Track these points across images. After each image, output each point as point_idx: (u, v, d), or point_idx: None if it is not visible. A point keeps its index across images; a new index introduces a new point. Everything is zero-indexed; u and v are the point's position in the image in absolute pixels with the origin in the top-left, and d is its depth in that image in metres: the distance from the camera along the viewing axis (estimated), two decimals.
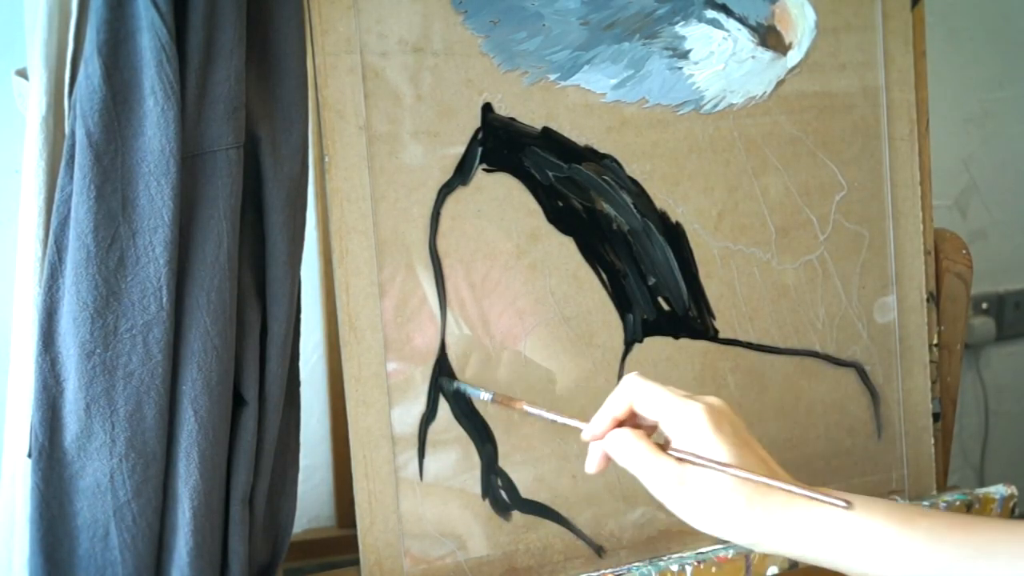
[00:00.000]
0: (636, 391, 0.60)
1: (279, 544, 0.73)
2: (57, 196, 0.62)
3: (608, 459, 0.61)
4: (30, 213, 0.66)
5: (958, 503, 0.89)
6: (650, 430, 0.61)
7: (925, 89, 0.91)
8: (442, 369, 0.76)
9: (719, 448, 0.57)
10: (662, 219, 0.82)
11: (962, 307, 0.93)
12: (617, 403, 0.60)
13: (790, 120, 0.86)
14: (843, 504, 0.55)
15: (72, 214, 0.61)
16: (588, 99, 0.79)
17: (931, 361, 0.92)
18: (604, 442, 0.60)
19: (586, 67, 0.78)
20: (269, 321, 0.68)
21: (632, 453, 0.58)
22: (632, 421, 0.61)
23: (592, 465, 0.62)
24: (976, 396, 1.46)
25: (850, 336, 0.89)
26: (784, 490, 0.56)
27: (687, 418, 0.58)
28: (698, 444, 0.57)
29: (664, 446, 0.59)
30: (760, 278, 0.85)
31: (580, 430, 0.62)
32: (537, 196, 0.78)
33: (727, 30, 0.82)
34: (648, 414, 0.60)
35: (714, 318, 0.84)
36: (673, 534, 0.83)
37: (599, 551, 0.81)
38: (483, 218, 0.76)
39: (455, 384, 0.74)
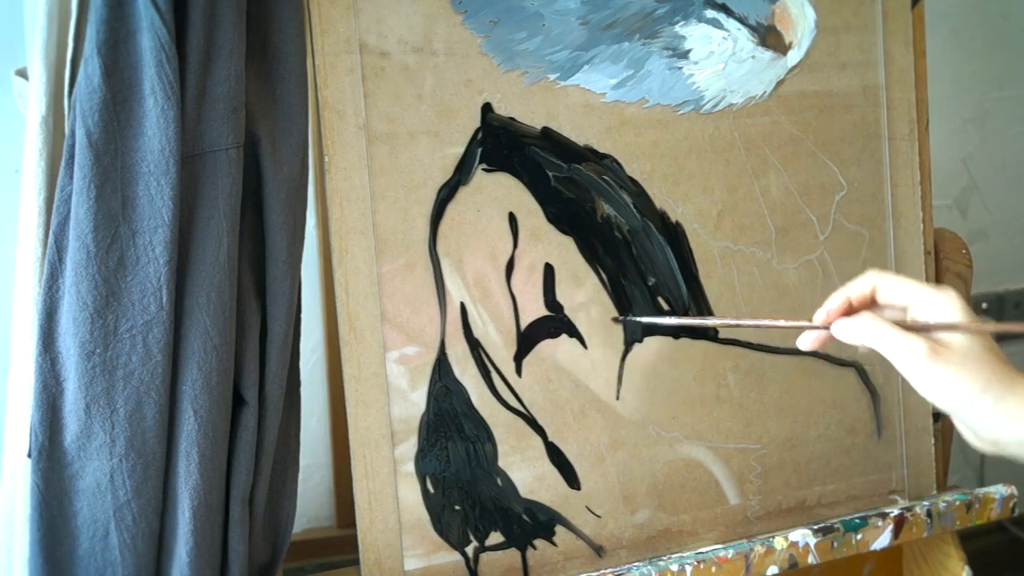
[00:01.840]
0: (882, 279, 0.63)
1: (279, 544, 0.72)
2: (57, 196, 0.62)
3: (824, 340, 0.64)
4: (30, 213, 0.66)
5: (958, 503, 0.89)
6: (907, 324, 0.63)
7: (925, 89, 0.91)
8: (442, 369, 0.76)
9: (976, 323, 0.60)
10: (662, 219, 0.82)
11: None
12: (859, 286, 0.63)
13: (790, 120, 0.86)
14: None
15: (72, 214, 0.61)
16: (588, 99, 0.79)
17: None
18: (839, 327, 0.62)
19: (586, 67, 0.78)
20: (269, 321, 0.68)
21: (879, 333, 0.60)
22: (867, 309, 0.63)
23: (806, 342, 0.65)
24: None
25: None
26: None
27: (939, 301, 0.60)
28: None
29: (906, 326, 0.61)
30: (760, 278, 0.85)
31: (786, 320, 0.66)
32: (537, 196, 0.78)
33: (727, 30, 0.82)
34: (896, 299, 0.62)
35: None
36: (673, 534, 0.83)
37: (599, 551, 0.81)
38: (483, 218, 0.76)
39: (637, 319, 0.74)
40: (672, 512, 0.83)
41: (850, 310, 0.63)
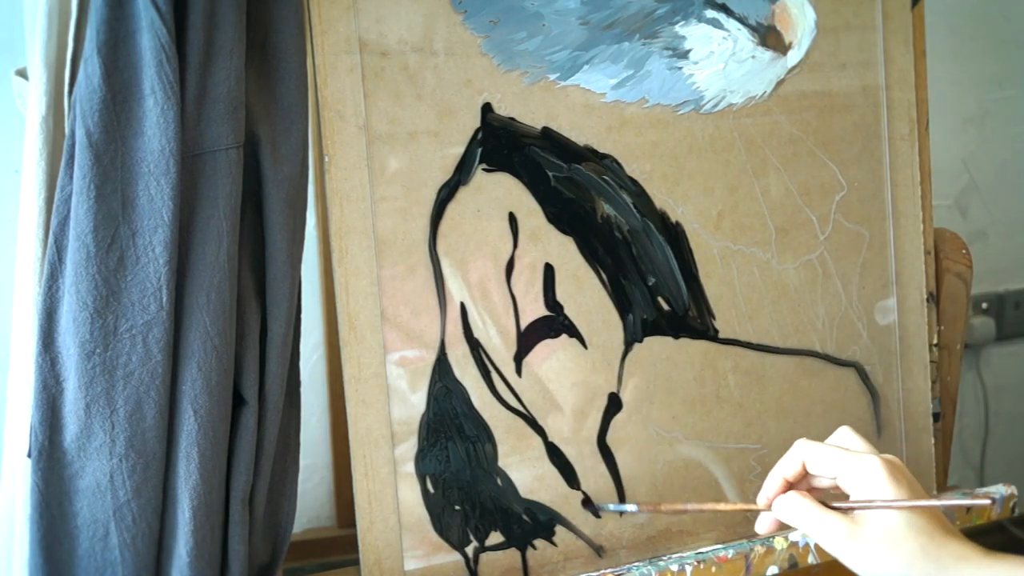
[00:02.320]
0: (808, 451, 0.62)
1: (279, 544, 0.72)
2: (57, 196, 0.62)
3: (778, 524, 0.63)
4: (30, 213, 0.66)
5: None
6: (819, 493, 0.62)
7: (925, 89, 0.91)
8: (442, 369, 0.76)
9: (898, 496, 0.58)
10: (662, 219, 0.82)
11: (962, 307, 0.93)
12: (789, 463, 0.62)
13: (790, 120, 0.86)
14: (987, 503, 0.55)
15: (72, 214, 0.61)
16: (588, 99, 0.79)
17: (931, 361, 0.92)
18: (776, 507, 0.62)
19: (586, 67, 0.78)
20: (269, 321, 0.68)
21: (800, 512, 0.60)
22: (804, 483, 0.63)
23: (763, 527, 0.64)
24: (976, 396, 1.46)
25: (850, 336, 0.89)
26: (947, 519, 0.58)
27: (864, 471, 0.59)
28: (876, 496, 0.58)
29: (829, 505, 0.60)
30: (760, 278, 0.85)
31: (731, 504, 0.65)
32: (537, 196, 0.78)
33: (727, 30, 0.82)
34: (823, 471, 0.61)
35: (714, 318, 0.84)
36: (673, 534, 0.83)
37: (599, 551, 0.81)
38: (483, 218, 0.76)
39: (600, 507, 0.78)
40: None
41: (788, 487, 0.62)
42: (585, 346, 0.80)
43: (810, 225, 0.87)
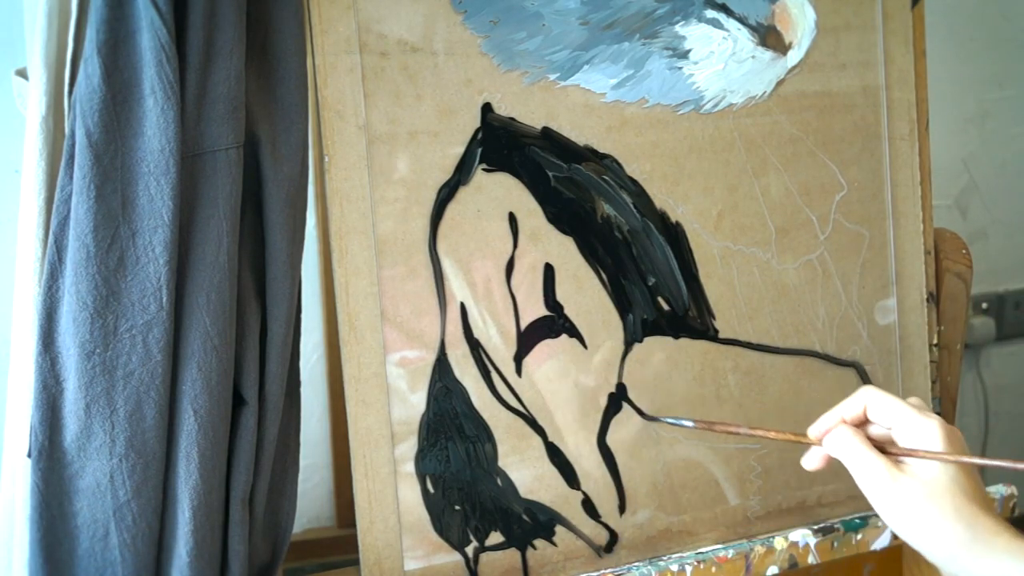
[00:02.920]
0: (872, 397, 0.62)
1: (279, 544, 0.72)
2: (57, 196, 0.62)
3: (827, 460, 0.64)
4: (30, 213, 0.66)
5: None
6: (881, 443, 0.62)
7: (925, 89, 0.91)
8: (442, 369, 0.76)
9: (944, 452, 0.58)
10: (662, 219, 0.82)
11: (962, 307, 0.93)
12: (850, 405, 0.63)
13: (790, 120, 0.86)
14: None
15: (72, 214, 0.61)
16: (588, 99, 0.79)
17: (931, 361, 0.92)
18: (827, 439, 0.63)
19: (586, 67, 0.78)
20: (269, 321, 0.68)
21: (849, 447, 0.61)
22: (861, 427, 0.63)
23: (811, 463, 0.65)
24: (976, 396, 1.46)
25: (850, 336, 0.89)
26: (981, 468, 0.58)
27: (921, 430, 0.59)
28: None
29: (879, 447, 0.60)
30: (760, 278, 0.85)
31: (798, 443, 0.65)
32: (537, 196, 0.78)
33: (727, 30, 0.82)
34: (882, 420, 0.62)
35: (714, 318, 0.84)
36: (673, 534, 0.83)
37: (599, 551, 0.81)
38: (483, 218, 0.76)
39: (658, 419, 0.78)
40: (672, 512, 0.83)
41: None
42: (585, 346, 0.80)
43: (810, 225, 0.87)
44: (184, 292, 0.63)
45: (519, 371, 0.78)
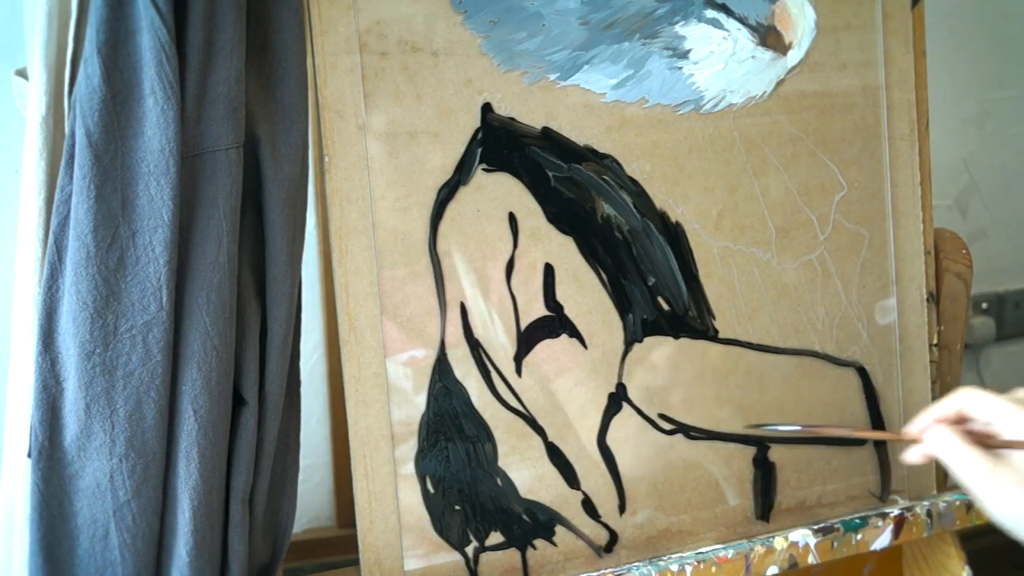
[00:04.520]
0: (969, 397, 0.65)
1: (279, 544, 0.72)
2: (57, 196, 0.62)
3: (926, 456, 0.66)
4: (30, 213, 0.66)
5: (958, 503, 0.89)
6: (979, 437, 0.64)
7: (925, 89, 0.91)
8: (442, 369, 0.76)
9: None
10: (662, 219, 0.82)
11: (962, 307, 0.93)
12: (946, 406, 0.66)
13: (790, 120, 0.86)
14: None
15: (72, 214, 0.61)
16: (588, 99, 0.79)
17: (931, 361, 0.92)
18: (926, 438, 0.65)
19: (586, 67, 0.78)
20: (269, 321, 0.68)
21: (946, 443, 0.63)
22: (959, 426, 0.65)
23: (913, 457, 0.67)
24: None
25: (850, 336, 0.89)
26: None
27: (1021, 422, 0.61)
28: None
29: (976, 441, 0.63)
30: (760, 278, 0.85)
31: (881, 432, 0.69)
32: (537, 196, 0.78)
33: (727, 30, 0.82)
34: (982, 415, 0.64)
35: (714, 318, 0.84)
36: (673, 534, 0.83)
37: (599, 551, 0.81)
38: (483, 218, 0.76)
39: (765, 425, 0.79)
40: (672, 512, 0.83)
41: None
42: (585, 346, 0.80)
43: (810, 225, 0.87)
44: (184, 292, 0.63)
45: (519, 371, 0.78)
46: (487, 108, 0.76)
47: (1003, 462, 0.60)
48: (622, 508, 0.81)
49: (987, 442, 0.63)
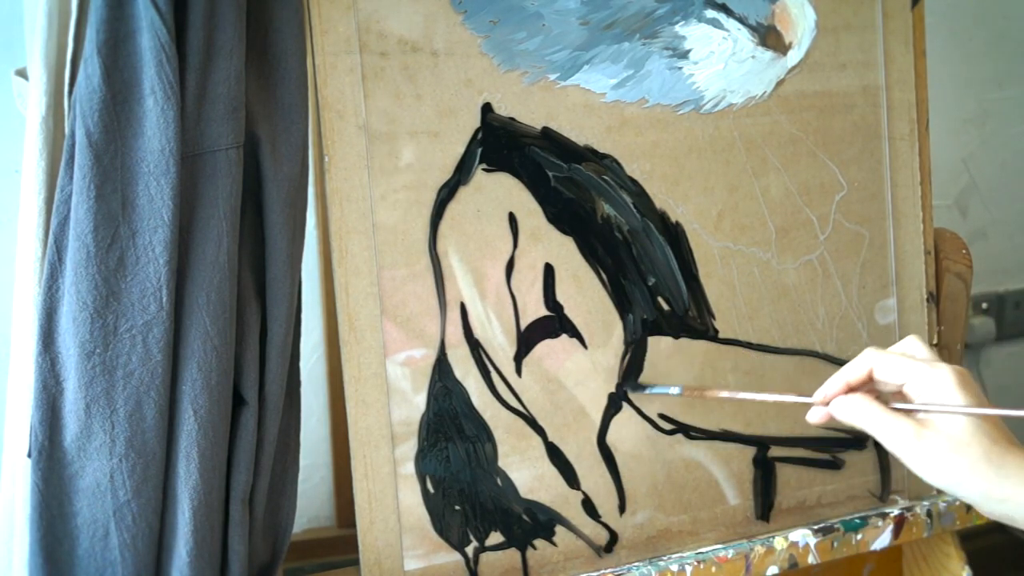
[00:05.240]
0: (877, 359, 0.64)
1: (279, 544, 0.72)
2: (57, 196, 0.62)
3: (829, 417, 0.66)
4: (30, 213, 0.66)
5: (958, 503, 0.89)
6: (884, 398, 0.64)
7: (925, 89, 0.91)
8: (442, 369, 0.76)
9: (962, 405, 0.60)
10: (662, 219, 0.82)
11: (962, 307, 0.93)
12: (854, 369, 0.65)
13: (790, 120, 0.86)
14: None
15: (72, 214, 0.61)
16: (588, 99, 0.79)
17: None
18: (834, 406, 0.65)
19: (586, 67, 0.78)
20: (269, 321, 0.68)
21: (866, 413, 0.62)
22: (866, 388, 0.65)
23: (815, 416, 0.67)
24: None
25: (850, 336, 0.89)
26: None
27: (934, 378, 0.61)
28: (945, 403, 0.60)
29: (894, 407, 0.62)
30: (760, 278, 0.85)
31: (798, 404, 0.67)
32: (537, 196, 0.78)
33: (727, 30, 0.82)
34: (891, 378, 0.63)
35: (714, 318, 0.84)
36: (673, 534, 0.83)
37: (599, 551, 0.81)
38: (483, 218, 0.76)
39: (644, 389, 0.76)
40: (672, 512, 0.83)
41: (848, 391, 0.65)
42: (585, 346, 0.80)
43: (810, 225, 0.87)
44: (184, 292, 0.63)
45: (519, 371, 0.78)
46: (487, 108, 0.76)
47: (928, 426, 0.60)
48: (622, 508, 0.81)
49: (900, 406, 0.62)
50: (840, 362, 0.89)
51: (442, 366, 0.76)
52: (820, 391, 0.66)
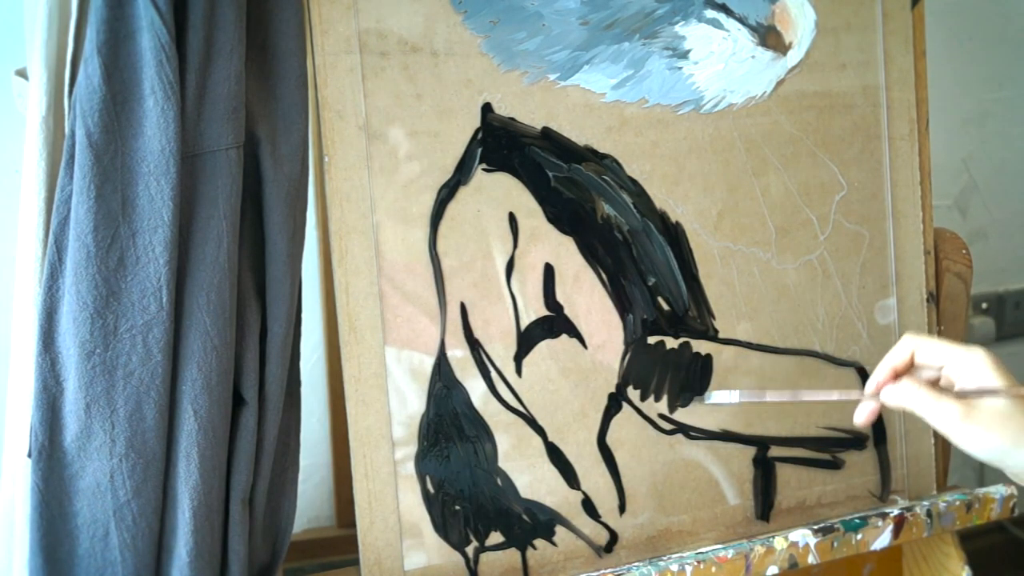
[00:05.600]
0: (918, 343, 0.69)
1: (279, 544, 0.72)
2: (57, 196, 0.62)
3: (875, 413, 0.70)
4: (30, 213, 0.66)
5: (958, 503, 0.89)
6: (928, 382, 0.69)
7: (925, 89, 0.91)
8: (442, 369, 0.76)
9: (1001, 383, 0.65)
10: (662, 219, 0.82)
11: (962, 307, 0.93)
12: (899, 354, 0.69)
13: (790, 120, 0.86)
14: None
15: (72, 214, 0.61)
16: (588, 99, 0.79)
17: None
18: (886, 393, 0.68)
19: (586, 67, 0.78)
20: (269, 321, 0.68)
21: (917, 397, 0.66)
22: (910, 373, 0.69)
23: (862, 417, 0.71)
24: None
25: (850, 336, 0.89)
26: None
27: (971, 360, 0.66)
28: (981, 382, 0.66)
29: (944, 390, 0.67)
30: (760, 278, 0.85)
31: (850, 400, 0.72)
32: (537, 196, 0.78)
33: (727, 30, 0.82)
34: (931, 361, 0.68)
35: (714, 318, 0.84)
36: (673, 534, 0.83)
37: (599, 551, 0.81)
38: (483, 218, 0.76)
39: (706, 398, 0.77)
40: (672, 512, 0.83)
41: (895, 377, 0.69)
42: (585, 346, 0.80)
43: (810, 225, 0.87)
44: (184, 292, 0.63)
45: (519, 371, 0.78)
46: (487, 108, 0.76)
47: (973, 407, 0.65)
48: (622, 508, 0.81)
49: (954, 390, 0.67)
50: (840, 362, 0.89)
51: (442, 366, 0.76)
52: (871, 382, 0.70)
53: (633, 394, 0.81)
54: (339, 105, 0.72)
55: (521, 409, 0.78)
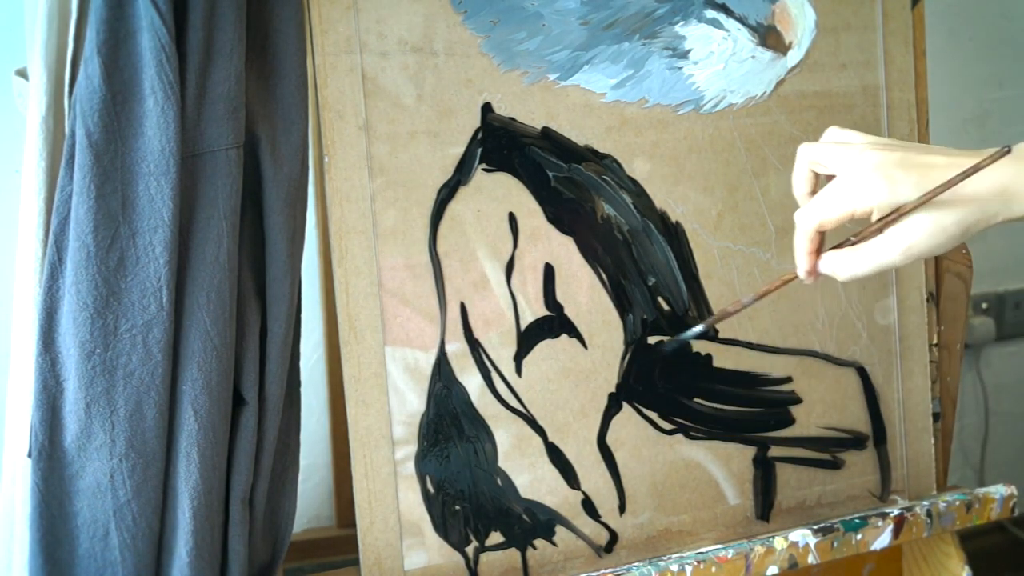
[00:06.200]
0: (811, 152, 0.66)
1: (279, 544, 0.73)
2: (57, 196, 0.62)
3: (818, 273, 0.67)
4: (30, 213, 0.66)
5: (958, 503, 0.89)
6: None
7: (925, 89, 0.91)
8: (442, 369, 0.76)
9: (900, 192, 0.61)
10: (662, 219, 0.82)
11: (962, 307, 0.93)
12: (801, 176, 0.67)
13: (790, 120, 0.86)
14: (1004, 150, 0.58)
15: (72, 214, 0.61)
16: (588, 99, 0.79)
17: (931, 361, 0.92)
18: (821, 269, 0.66)
19: (586, 67, 0.78)
20: (269, 321, 0.68)
21: (844, 265, 0.64)
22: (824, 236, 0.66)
23: (804, 273, 0.67)
24: (976, 396, 1.46)
25: (850, 336, 0.89)
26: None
27: (848, 165, 0.63)
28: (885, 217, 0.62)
29: (844, 243, 0.65)
30: (760, 278, 0.85)
31: (789, 281, 0.69)
32: (537, 196, 0.78)
33: (727, 30, 0.82)
34: (825, 170, 0.66)
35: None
36: (673, 534, 0.83)
37: (599, 551, 0.81)
38: (483, 218, 0.76)
39: (674, 343, 0.77)
40: (672, 512, 0.83)
41: (818, 239, 0.66)
42: (585, 346, 0.80)
43: None
44: (184, 292, 0.63)
45: (519, 371, 0.78)
46: (487, 108, 0.76)
47: (903, 229, 0.62)
48: (622, 508, 0.81)
49: (863, 232, 0.64)
50: (840, 362, 0.89)
51: (442, 366, 0.76)
52: (800, 266, 0.67)
53: (633, 394, 0.81)
54: (339, 105, 0.72)
55: (521, 409, 0.78)
